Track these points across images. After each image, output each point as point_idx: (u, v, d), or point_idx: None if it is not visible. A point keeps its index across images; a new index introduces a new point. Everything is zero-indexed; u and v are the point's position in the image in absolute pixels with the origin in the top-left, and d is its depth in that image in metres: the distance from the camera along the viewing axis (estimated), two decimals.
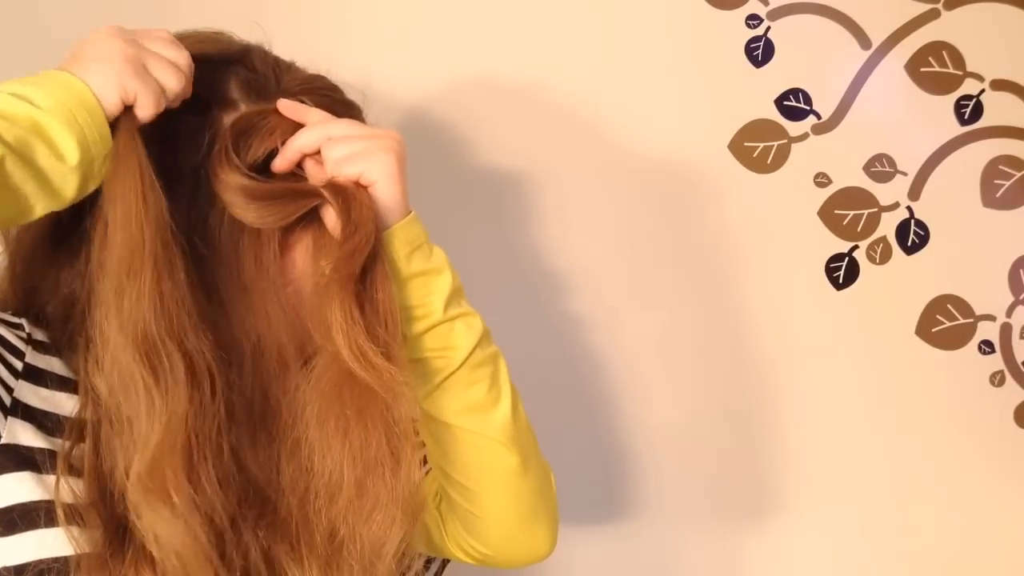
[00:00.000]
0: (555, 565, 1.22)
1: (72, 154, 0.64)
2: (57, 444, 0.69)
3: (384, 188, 0.75)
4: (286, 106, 0.76)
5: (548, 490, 0.86)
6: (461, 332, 0.79)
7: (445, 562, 0.95)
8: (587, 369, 1.25)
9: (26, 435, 0.68)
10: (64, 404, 0.71)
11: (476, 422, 0.79)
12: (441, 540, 0.86)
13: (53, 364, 0.73)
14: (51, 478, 0.68)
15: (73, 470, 0.69)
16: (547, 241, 1.22)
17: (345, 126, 0.77)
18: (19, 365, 0.70)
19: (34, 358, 0.71)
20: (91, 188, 0.67)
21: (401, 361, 0.73)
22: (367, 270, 0.73)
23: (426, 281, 0.78)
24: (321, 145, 0.75)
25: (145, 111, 0.68)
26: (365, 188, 0.75)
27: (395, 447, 0.72)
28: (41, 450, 0.68)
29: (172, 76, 0.70)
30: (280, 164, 0.76)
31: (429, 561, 0.93)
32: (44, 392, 0.71)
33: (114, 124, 0.67)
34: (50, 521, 0.67)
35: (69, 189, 0.65)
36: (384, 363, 0.71)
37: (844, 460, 1.26)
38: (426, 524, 0.86)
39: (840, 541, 1.27)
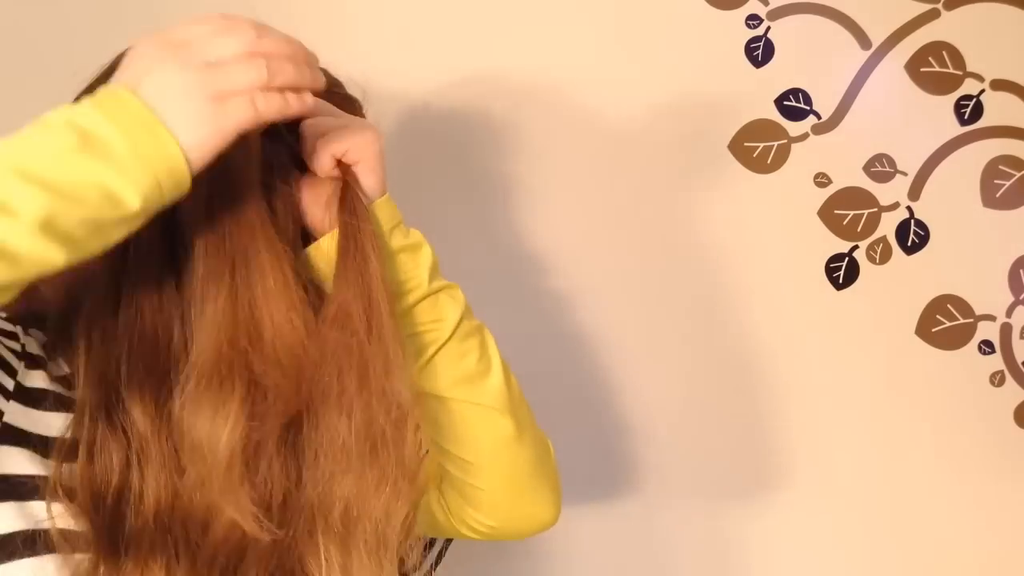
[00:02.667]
0: (555, 544, 1.23)
1: (134, 201, 0.57)
2: (48, 466, 0.68)
3: (368, 168, 0.75)
4: None
5: (547, 456, 0.86)
6: (447, 303, 0.79)
7: (447, 544, 0.94)
8: (589, 370, 1.25)
9: (13, 462, 0.66)
10: (54, 423, 0.69)
11: (470, 392, 0.80)
12: (447, 520, 0.86)
13: (45, 381, 0.70)
14: (37, 504, 0.66)
15: (64, 490, 0.67)
16: (547, 240, 1.23)
17: (325, 104, 0.76)
18: (11, 384, 0.68)
19: (25, 376, 0.69)
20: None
21: (396, 334, 0.73)
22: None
23: (411, 255, 0.78)
24: (305, 117, 0.74)
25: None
26: (348, 167, 0.75)
27: (397, 420, 0.73)
28: (29, 477, 0.67)
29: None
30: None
31: (429, 545, 0.93)
32: (34, 413, 0.69)
33: None
34: (46, 548, 0.66)
35: (115, 238, 0.59)
36: (379, 336, 0.72)
37: (844, 460, 1.25)
38: (429, 506, 0.86)
39: (840, 542, 1.27)
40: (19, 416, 0.68)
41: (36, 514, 0.66)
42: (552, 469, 0.86)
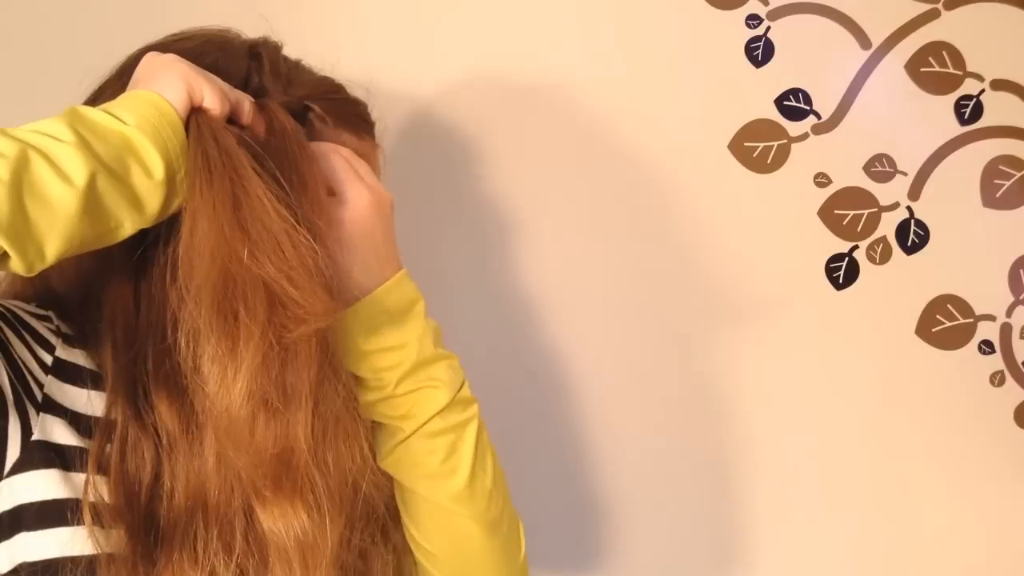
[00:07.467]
0: None
1: (158, 169, 0.65)
2: (86, 442, 0.69)
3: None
4: None
5: (515, 548, 0.84)
6: (420, 402, 0.78)
7: None
8: (583, 365, 1.25)
9: (57, 431, 0.68)
10: (93, 401, 0.71)
11: (430, 489, 0.79)
12: None
13: (82, 358, 0.72)
14: (79, 476, 0.68)
15: (102, 469, 0.69)
16: (547, 239, 1.23)
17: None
18: (49, 360, 0.69)
19: (64, 352, 0.71)
20: (175, 205, 0.67)
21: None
22: None
23: (387, 355, 0.77)
24: None
25: (214, 108, 0.69)
26: None
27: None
28: (72, 448, 0.69)
29: (228, 88, 0.72)
30: None
31: None
32: (72, 389, 0.71)
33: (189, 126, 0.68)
34: (77, 519, 0.68)
35: (154, 204, 0.66)
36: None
37: (844, 459, 1.25)
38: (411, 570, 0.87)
39: (838, 538, 1.27)
40: (57, 390, 0.69)
41: (79, 485, 0.68)
42: (519, 559, 0.84)
